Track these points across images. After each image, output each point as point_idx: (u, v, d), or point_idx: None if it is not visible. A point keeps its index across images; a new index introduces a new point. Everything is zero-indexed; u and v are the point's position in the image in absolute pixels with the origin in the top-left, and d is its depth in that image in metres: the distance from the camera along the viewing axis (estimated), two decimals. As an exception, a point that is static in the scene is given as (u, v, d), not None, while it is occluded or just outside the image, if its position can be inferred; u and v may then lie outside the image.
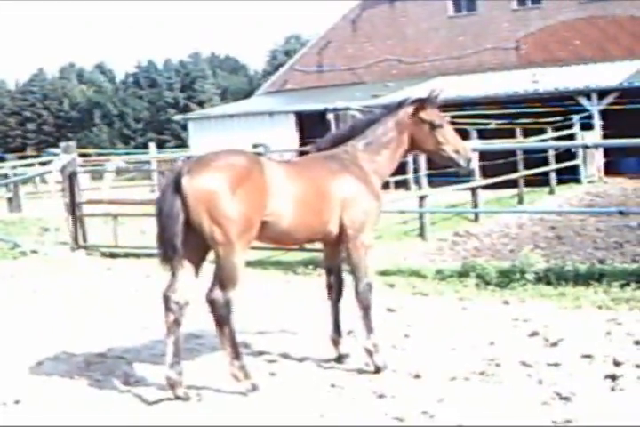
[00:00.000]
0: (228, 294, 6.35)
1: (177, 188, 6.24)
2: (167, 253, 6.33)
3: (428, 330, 8.47)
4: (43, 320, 9.87)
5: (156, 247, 6.48)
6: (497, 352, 7.45)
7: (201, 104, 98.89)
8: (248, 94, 70.30)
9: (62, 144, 16.92)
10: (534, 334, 8.10)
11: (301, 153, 34.22)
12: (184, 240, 6.29)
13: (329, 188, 6.96)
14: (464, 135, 19.75)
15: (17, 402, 6.70)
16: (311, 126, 35.38)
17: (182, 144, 78.43)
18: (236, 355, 6.47)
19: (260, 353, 7.68)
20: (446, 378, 6.76)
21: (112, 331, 9.08)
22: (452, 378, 6.75)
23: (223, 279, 6.38)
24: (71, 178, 15.99)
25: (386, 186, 28.44)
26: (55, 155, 31.71)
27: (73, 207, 15.91)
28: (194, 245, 6.40)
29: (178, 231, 6.20)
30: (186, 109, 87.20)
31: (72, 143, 16.97)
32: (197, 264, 6.58)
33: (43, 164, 35.39)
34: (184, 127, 65.80)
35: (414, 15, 42.31)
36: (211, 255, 6.58)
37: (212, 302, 6.39)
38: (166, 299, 6.49)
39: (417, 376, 6.84)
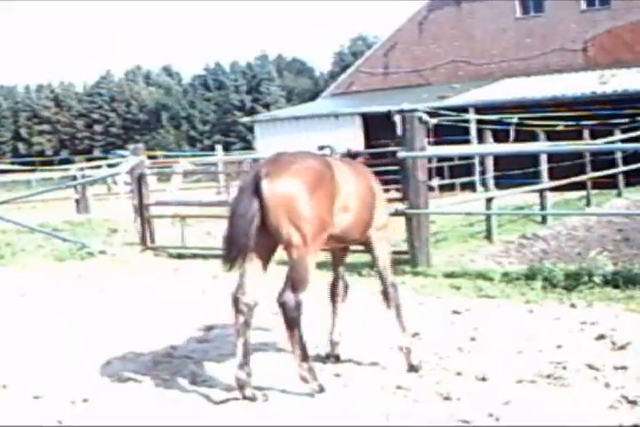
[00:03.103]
0: (299, 297, 6.37)
1: (255, 189, 6.26)
2: (232, 252, 6.36)
3: (495, 333, 8.42)
4: (110, 320, 9.99)
5: (221, 247, 6.51)
6: (563, 355, 7.38)
7: (267, 106, 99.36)
8: (313, 96, 70.46)
9: (131, 146, 17.14)
10: (601, 337, 8.00)
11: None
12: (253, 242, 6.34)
13: (372, 186, 7.29)
14: (532, 137, 19.72)
15: (85, 401, 6.77)
16: (377, 128, 35.40)
17: (248, 146, 78.88)
18: (305, 357, 6.50)
19: (326, 355, 7.69)
20: (512, 381, 6.72)
21: (179, 331, 9.15)
22: (519, 381, 6.70)
23: (295, 281, 6.40)
24: (140, 180, 16.15)
25: (452, 188, 28.48)
26: (123, 156, 32.14)
27: (141, 209, 16.08)
28: (262, 247, 6.43)
29: (251, 232, 6.23)
30: (252, 112, 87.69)
31: (140, 145, 17.17)
32: (264, 266, 6.61)
33: (111, 165, 35.90)
34: (250, 129, 66.25)
35: (481, 16, 42.06)
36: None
37: (282, 305, 6.39)
38: (236, 300, 6.53)
39: (483, 379, 6.81)
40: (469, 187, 29.14)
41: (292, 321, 6.40)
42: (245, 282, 6.51)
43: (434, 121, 12.92)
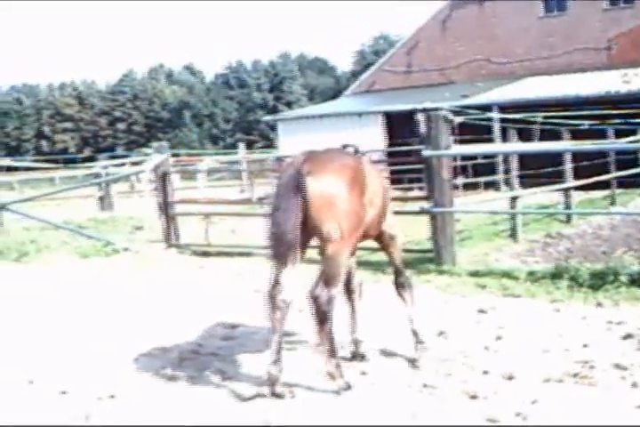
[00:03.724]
0: (332, 292, 6.42)
1: (297, 186, 6.35)
2: (280, 249, 6.41)
3: (521, 332, 8.39)
4: (135, 317, 10.04)
5: (267, 244, 6.56)
6: (590, 355, 7.36)
7: (289, 105, 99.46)
8: (335, 95, 70.50)
9: (155, 144, 17.15)
10: (628, 336, 7.98)
11: (389, 154, 34.29)
12: None
13: (384, 183, 7.51)
14: (556, 136, 19.65)
15: (112, 397, 6.81)
16: (400, 127, 35.40)
17: (270, 145, 78.93)
18: (333, 353, 6.51)
19: (352, 352, 7.69)
20: (539, 380, 6.70)
21: (204, 328, 9.18)
22: (546, 380, 6.68)
23: (328, 276, 6.46)
24: (164, 177, 16.19)
25: (475, 187, 28.40)
26: (146, 155, 32.21)
27: (166, 206, 16.11)
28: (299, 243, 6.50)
29: (295, 228, 6.30)
30: (274, 110, 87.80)
31: (165, 143, 17.20)
32: (299, 262, 6.66)
33: (135, 163, 36.01)
34: (272, 128, 66.30)
35: (504, 15, 41.94)
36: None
37: (314, 299, 6.43)
38: (272, 296, 6.53)
39: (510, 378, 6.79)
40: (492, 186, 29.05)
41: (322, 316, 6.43)
42: (282, 278, 6.51)
43: (458, 119, 12.89)
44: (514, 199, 15.92)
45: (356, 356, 7.58)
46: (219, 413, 6.26)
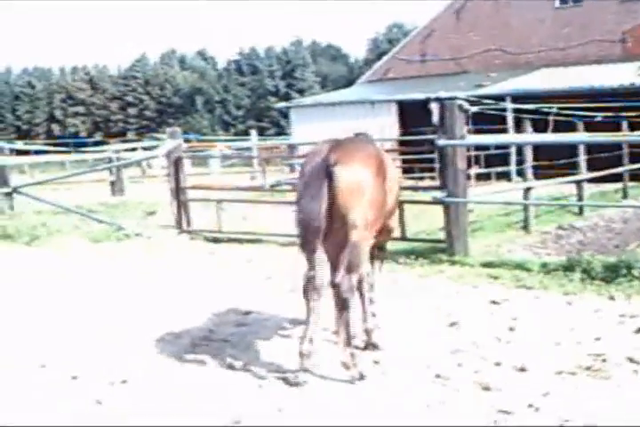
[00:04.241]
0: (354, 279, 6.49)
1: (325, 175, 6.43)
2: (309, 236, 6.49)
3: (533, 324, 8.37)
4: (146, 302, 10.05)
5: (298, 231, 6.72)
6: (603, 348, 7.34)
7: (301, 92, 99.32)
8: (348, 83, 70.32)
9: (168, 129, 17.10)
10: (641, 330, 7.98)
11: (401, 143, 34.21)
12: None
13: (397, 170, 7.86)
14: (570, 128, 19.55)
15: (124, 382, 6.83)
16: (413, 116, 35.29)
17: (281, 132, 78.90)
18: (349, 342, 6.55)
19: (364, 344, 7.67)
20: (552, 372, 6.68)
21: (216, 314, 9.20)
22: (558, 372, 6.67)
23: (352, 264, 6.54)
24: (177, 163, 16.18)
25: (487, 177, 28.33)
26: (157, 139, 32.21)
27: (178, 192, 16.10)
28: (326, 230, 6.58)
29: (323, 215, 6.37)
30: (286, 97, 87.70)
31: (178, 129, 17.16)
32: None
33: (146, 148, 35.98)
34: (284, 115, 66.20)
35: (519, 5, 41.75)
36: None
37: (336, 286, 6.50)
38: (311, 279, 6.56)
39: (522, 369, 6.78)
40: (504, 176, 28.99)
41: (343, 303, 6.52)
42: (317, 262, 6.55)
43: (474, 109, 12.84)
44: (527, 190, 15.88)
45: (369, 345, 7.58)
46: (231, 399, 6.27)
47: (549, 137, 17.65)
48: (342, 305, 6.51)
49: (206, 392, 6.46)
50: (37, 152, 41.29)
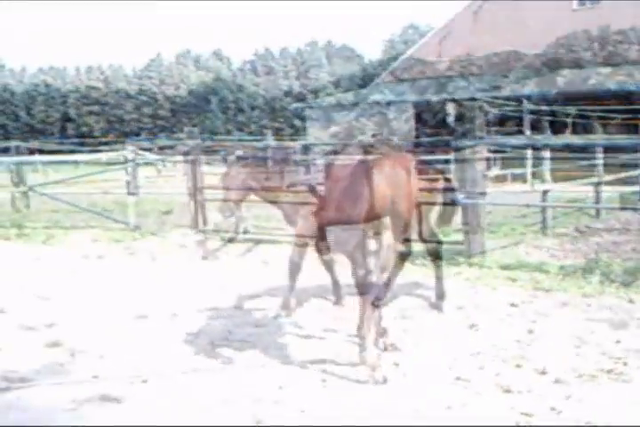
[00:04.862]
0: (384, 277, 6.49)
1: (364, 176, 6.61)
2: (350, 236, 6.69)
3: (552, 326, 8.35)
4: (164, 302, 10.03)
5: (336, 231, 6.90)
6: (623, 351, 7.33)
7: (315, 93, 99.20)
8: (362, 84, 70.26)
9: (186, 129, 17.13)
10: (661, 333, 7.95)
11: (417, 144, 34.23)
12: None
13: None
14: (588, 130, 19.51)
15: (144, 382, 6.82)
16: (429, 117, 35.24)
17: (295, 132, 78.84)
18: (374, 342, 6.53)
19: (384, 342, 7.65)
20: (573, 375, 6.66)
21: (233, 315, 9.20)
22: (579, 375, 6.65)
23: (385, 264, 6.66)
24: (194, 163, 16.16)
25: (503, 179, 28.31)
26: (178, 139, 32.12)
27: (195, 192, 16.08)
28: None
29: (361, 215, 6.53)
30: (301, 98, 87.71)
31: (195, 129, 17.18)
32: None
33: (161, 148, 36.00)
34: (298, 115, 66.11)
35: (537, 7, 41.63)
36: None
37: (366, 286, 6.52)
38: (362, 279, 6.61)
39: (543, 372, 6.76)
40: (520, 178, 28.90)
41: (375, 301, 6.56)
42: (363, 261, 6.64)
43: (493, 110, 12.82)
44: (545, 192, 15.82)
45: (388, 346, 7.55)
46: (251, 400, 6.24)
47: (565, 139, 17.59)
48: (372, 304, 6.53)
49: (225, 393, 6.43)
50: (51, 151, 41.33)
